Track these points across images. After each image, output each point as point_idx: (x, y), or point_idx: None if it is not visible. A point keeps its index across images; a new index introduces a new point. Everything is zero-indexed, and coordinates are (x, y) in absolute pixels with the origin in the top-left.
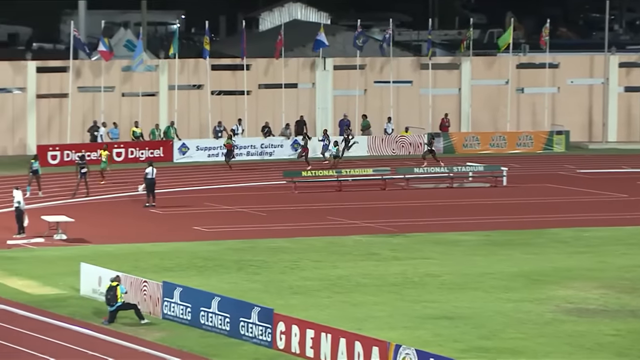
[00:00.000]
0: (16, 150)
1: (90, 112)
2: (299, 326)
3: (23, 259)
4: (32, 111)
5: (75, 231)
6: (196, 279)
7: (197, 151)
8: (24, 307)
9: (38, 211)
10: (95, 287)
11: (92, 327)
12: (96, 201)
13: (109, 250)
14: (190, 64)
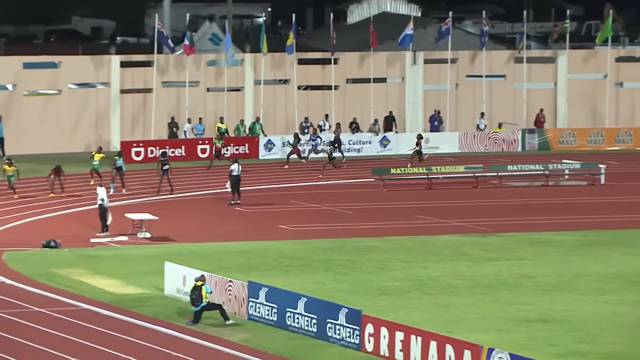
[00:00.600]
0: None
1: (175, 108)
2: (387, 328)
3: (106, 258)
4: (116, 107)
5: (159, 229)
6: (282, 279)
7: (283, 147)
8: (107, 306)
9: (122, 209)
10: (180, 287)
11: (176, 327)
12: (180, 199)
13: (194, 248)
14: (276, 58)
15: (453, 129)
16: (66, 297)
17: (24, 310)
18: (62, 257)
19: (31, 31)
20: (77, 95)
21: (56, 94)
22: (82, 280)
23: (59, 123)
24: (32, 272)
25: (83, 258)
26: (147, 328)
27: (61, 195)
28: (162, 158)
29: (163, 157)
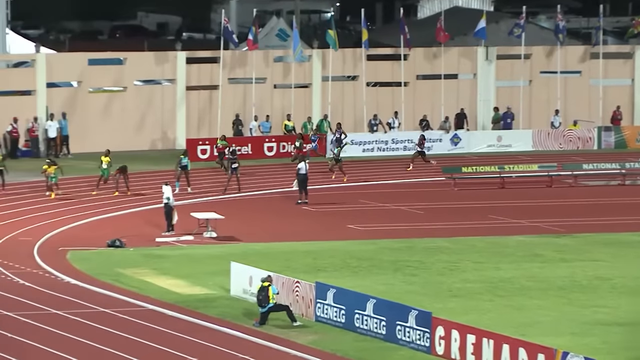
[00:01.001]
0: (165, 145)
1: (241, 105)
2: (459, 331)
3: (172, 257)
4: (182, 104)
5: (225, 229)
6: (350, 280)
7: (352, 145)
8: (172, 307)
9: (187, 208)
10: (246, 287)
11: (243, 329)
12: (247, 198)
13: (260, 248)
14: (345, 54)
15: (526, 127)
16: (131, 297)
17: (89, 311)
18: (127, 256)
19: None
20: (143, 92)
21: (121, 90)
22: (147, 280)
23: (124, 120)
24: (96, 271)
25: (148, 258)
26: (212, 329)
27: (126, 194)
28: (232, 156)
29: (232, 156)
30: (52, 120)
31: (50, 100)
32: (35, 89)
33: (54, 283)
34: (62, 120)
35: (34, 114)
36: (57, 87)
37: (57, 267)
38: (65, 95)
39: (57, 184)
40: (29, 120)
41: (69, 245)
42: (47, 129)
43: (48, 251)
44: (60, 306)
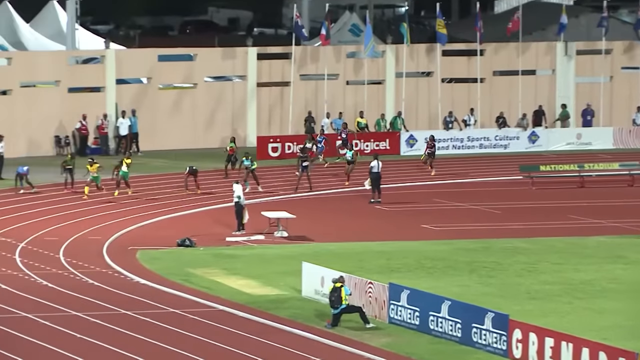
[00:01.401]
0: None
1: (313, 102)
2: (537, 334)
3: (242, 257)
4: (252, 101)
5: (296, 228)
6: (425, 281)
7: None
8: (243, 308)
9: (258, 207)
10: (318, 288)
11: (315, 330)
12: (319, 197)
13: (332, 248)
14: (419, 49)
15: (607, 124)
16: (201, 298)
17: (158, 311)
18: (197, 256)
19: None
20: (213, 89)
21: (191, 87)
22: (217, 280)
23: (193, 117)
24: (166, 271)
25: (219, 257)
26: (284, 331)
27: (196, 192)
28: (302, 154)
29: (303, 153)
30: (123, 117)
31: (120, 97)
32: (105, 85)
33: (123, 283)
34: (132, 117)
35: (103, 110)
36: (126, 83)
37: (126, 267)
38: (135, 92)
39: (99, 186)
40: (98, 117)
41: (139, 244)
42: (119, 126)
43: (117, 250)
44: (129, 306)
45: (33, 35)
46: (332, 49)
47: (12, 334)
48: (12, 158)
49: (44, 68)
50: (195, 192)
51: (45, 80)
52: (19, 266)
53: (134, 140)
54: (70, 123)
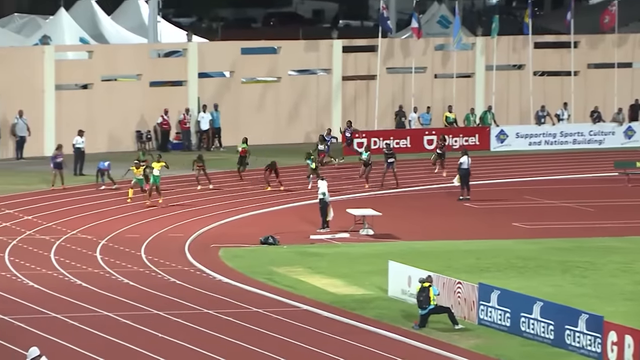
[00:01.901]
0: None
1: (400, 95)
2: (632, 336)
3: (327, 256)
4: (338, 94)
5: (382, 226)
6: (515, 281)
7: (517, 139)
8: (328, 307)
9: (343, 204)
10: (405, 288)
11: (401, 331)
12: (405, 193)
13: (419, 247)
14: (510, 41)
15: None
16: (285, 297)
17: (241, 311)
18: (280, 254)
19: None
20: (297, 83)
21: (275, 81)
22: (301, 279)
23: (277, 112)
24: (249, 270)
25: (302, 255)
26: (369, 331)
27: (278, 189)
28: (387, 151)
29: (388, 150)
30: (205, 112)
31: (202, 91)
32: (187, 79)
33: (205, 281)
34: (214, 111)
35: (185, 105)
36: (209, 77)
37: (208, 265)
38: (217, 86)
39: (148, 190)
40: (180, 111)
41: (221, 242)
42: (200, 120)
43: (199, 248)
44: (211, 305)
45: (114, 28)
46: (420, 41)
47: (92, 333)
48: (92, 153)
49: (126, 61)
50: (278, 188)
51: (126, 74)
52: (100, 264)
53: (216, 136)
54: (151, 118)
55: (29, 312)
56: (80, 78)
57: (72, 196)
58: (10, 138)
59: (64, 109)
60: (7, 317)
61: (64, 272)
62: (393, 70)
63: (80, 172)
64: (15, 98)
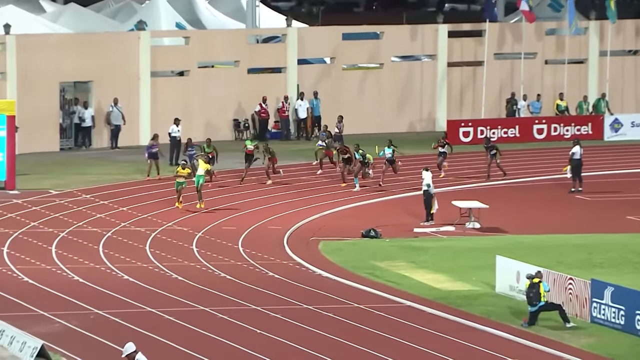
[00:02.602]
0: (425, 126)
1: (508, 82)
2: None
3: (431, 250)
4: (443, 82)
5: (489, 219)
6: (630, 277)
7: (632, 128)
8: (431, 304)
9: (447, 195)
10: (513, 284)
11: (509, 329)
12: (514, 185)
13: (529, 241)
14: (626, 25)
15: None
16: (387, 292)
17: (342, 306)
18: (382, 248)
19: None
20: (400, 69)
21: (377, 67)
22: (404, 274)
23: (379, 100)
24: (350, 264)
25: (406, 250)
26: (476, 329)
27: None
28: (487, 144)
29: (488, 143)
30: (303, 100)
31: (301, 78)
32: (286, 65)
33: (304, 276)
34: (314, 99)
35: (284, 92)
36: (308, 63)
37: (308, 259)
38: (317, 73)
39: (178, 194)
40: (279, 99)
41: (321, 235)
42: (297, 109)
43: (298, 241)
44: (311, 301)
45: (211, 13)
46: (530, 26)
47: (188, 328)
48: None
49: (223, 47)
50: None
51: (223, 60)
52: (196, 257)
53: (316, 124)
54: (249, 106)
55: (124, 307)
56: (177, 65)
57: (168, 187)
58: (104, 127)
59: (160, 96)
60: (103, 312)
61: (160, 265)
62: (501, 56)
63: (176, 161)
64: (109, 85)
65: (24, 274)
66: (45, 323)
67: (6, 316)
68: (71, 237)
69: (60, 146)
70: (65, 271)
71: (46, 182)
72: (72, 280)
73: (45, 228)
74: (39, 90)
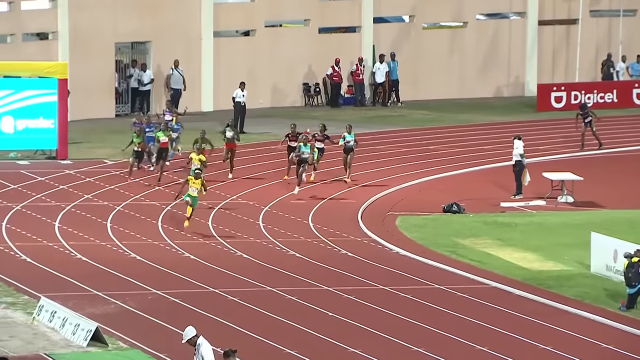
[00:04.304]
0: (514, 91)
1: (605, 42)
2: None
3: (519, 226)
4: (534, 42)
5: (583, 192)
6: None
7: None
8: (520, 285)
9: (538, 167)
10: (610, 263)
11: (605, 312)
12: (611, 155)
13: (627, 217)
14: None
15: None
16: (471, 272)
17: (420, 287)
18: (465, 224)
19: None
20: (486, 28)
21: (461, 26)
22: (489, 252)
23: (463, 62)
24: (430, 241)
25: (491, 226)
26: (568, 312)
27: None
28: (582, 111)
29: (583, 110)
30: (381, 63)
31: (377, 39)
32: (361, 25)
33: (380, 253)
34: (391, 62)
35: (358, 54)
36: (385, 22)
37: (384, 236)
38: (395, 33)
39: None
40: (353, 62)
41: (398, 209)
42: (375, 72)
43: (374, 216)
44: (387, 281)
45: None
46: None
47: (253, 309)
48: (253, 109)
49: (292, 5)
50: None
51: (292, 19)
52: (263, 232)
53: (393, 89)
54: (320, 69)
55: (184, 287)
56: (241, 24)
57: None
58: (164, 91)
59: (223, 58)
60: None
61: (223, 242)
62: (598, 13)
63: (242, 129)
64: (169, 47)
65: (77, 251)
66: (100, 304)
67: (58, 296)
68: (127, 211)
69: (116, 112)
70: (121, 248)
71: (101, 151)
72: (129, 258)
73: (100, 201)
74: (93, 51)
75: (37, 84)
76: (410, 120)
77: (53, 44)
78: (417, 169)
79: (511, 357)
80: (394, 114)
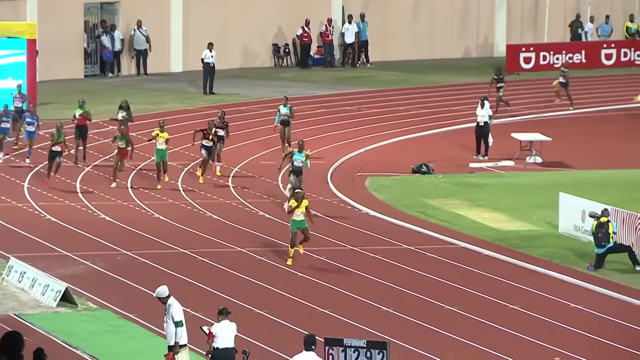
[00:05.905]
0: (482, 52)
1: (574, 3)
2: None
3: (488, 187)
4: (502, 3)
5: (552, 153)
6: None
7: None
8: (488, 245)
9: (507, 127)
10: (578, 223)
11: (574, 272)
12: (579, 115)
13: (595, 177)
14: None
15: None
16: (440, 233)
17: (390, 247)
18: (435, 184)
19: None
20: None
21: None
22: (459, 213)
23: (432, 23)
24: (399, 202)
25: (460, 186)
26: (537, 273)
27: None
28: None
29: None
30: (351, 23)
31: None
32: None
33: (350, 214)
34: (360, 22)
35: (327, 15)
36: None
37: (353, 196)
38: None
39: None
40: (322, 22)
41: (368, 170)
42: (344, 32)
43: (343, 177)
44: (357, 242)
45: None
46: None
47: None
48: (223, 70)
49: None
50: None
51: None
52: (232, 193)
53: (363, 50)
54: (290, 29)
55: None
56: None
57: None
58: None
59: (192, 19)
60: (131, 252)
61: (193, 203)
62: None
63: (211, 90)
64: (138, 7)
65: (46, 211)
66: (70, 264)
67: (27, 257)
68: (97, 172)
69: (85, 73)
70: (90, 208)
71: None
72: (98, 219)
73: (69, 162)
74: (61, 12)
75: (5, 44)
76: (380, 81)
77: (21, 4)
78: (386, 129)
79: (480, 317)
80: (364, 74)
